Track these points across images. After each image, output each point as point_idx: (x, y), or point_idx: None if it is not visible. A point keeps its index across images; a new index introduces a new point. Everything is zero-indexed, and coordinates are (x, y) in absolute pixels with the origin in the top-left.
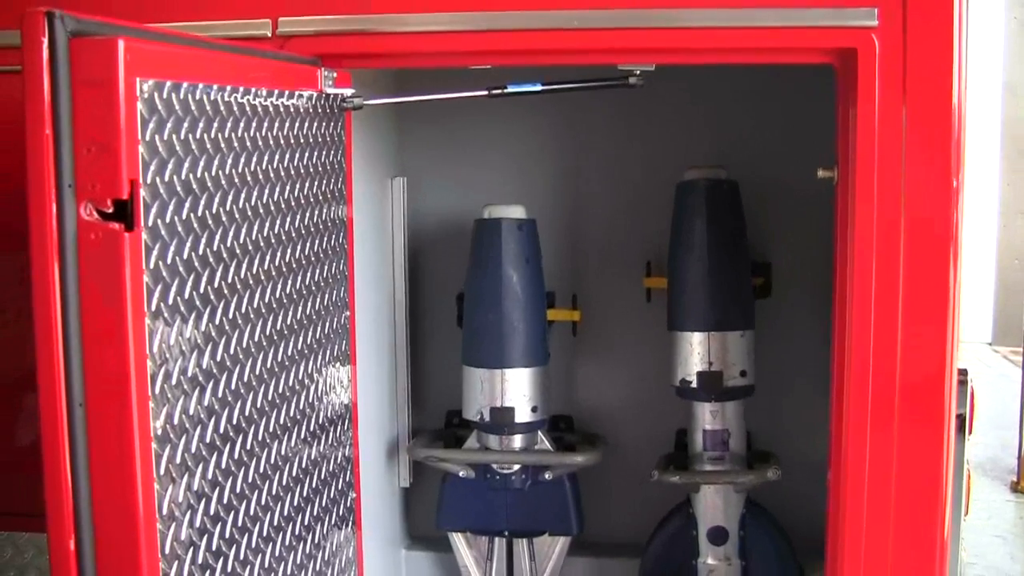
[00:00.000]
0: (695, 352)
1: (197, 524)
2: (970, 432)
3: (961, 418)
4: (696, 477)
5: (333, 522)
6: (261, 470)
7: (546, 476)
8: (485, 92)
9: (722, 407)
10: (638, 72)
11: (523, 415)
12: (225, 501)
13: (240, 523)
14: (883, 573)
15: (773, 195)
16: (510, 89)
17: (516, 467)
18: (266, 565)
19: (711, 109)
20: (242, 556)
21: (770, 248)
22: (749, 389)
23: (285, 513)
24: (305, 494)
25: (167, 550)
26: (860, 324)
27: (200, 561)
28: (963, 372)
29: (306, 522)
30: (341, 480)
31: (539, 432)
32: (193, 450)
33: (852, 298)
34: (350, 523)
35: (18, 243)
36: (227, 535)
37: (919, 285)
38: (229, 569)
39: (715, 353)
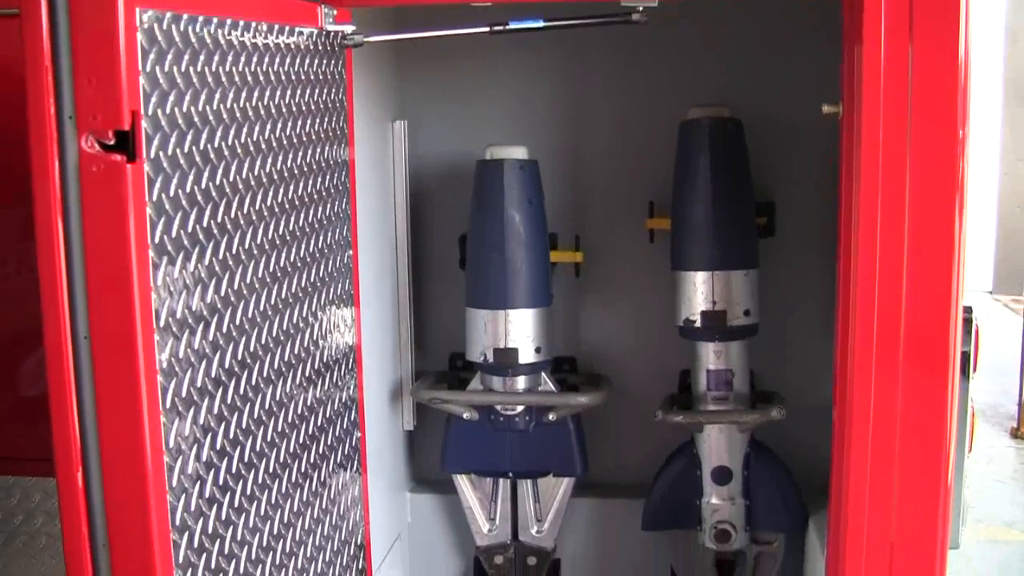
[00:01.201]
0: (699, 291)
1: (204, 458)
2: (974, 370)
3: (965, 356)
4: (700, 417)
5: (338, 462)
6: (266, 407)
7: (550, 417)
8: (487, 29)
9: (726, 347)
10: (641, 8)
11: (527, 356)
12: (231, 436)
13: (247, 458)
14: (887, 510)
15: (778, 134)
16: (512, 26)
17: (520, 408)
18: (272, 501)
19: (715, 47)
20: (248, 491)
21: (774, 187)
22: (753, 328)
23: (290, 450)
24: (310, 432)
25: (174, 483)
26: (865, 262)
27: (207, 495)
28: (968, 310)
29: (311, 460)
30: (345, 421)
31: (543, 373)
32: (199, 384)
33: (857, 236)
34: (354, 464)
35: (18, 191)
36: (233, 469)
37: (925, 222)
38: (236, 504)
39: (719, 292)
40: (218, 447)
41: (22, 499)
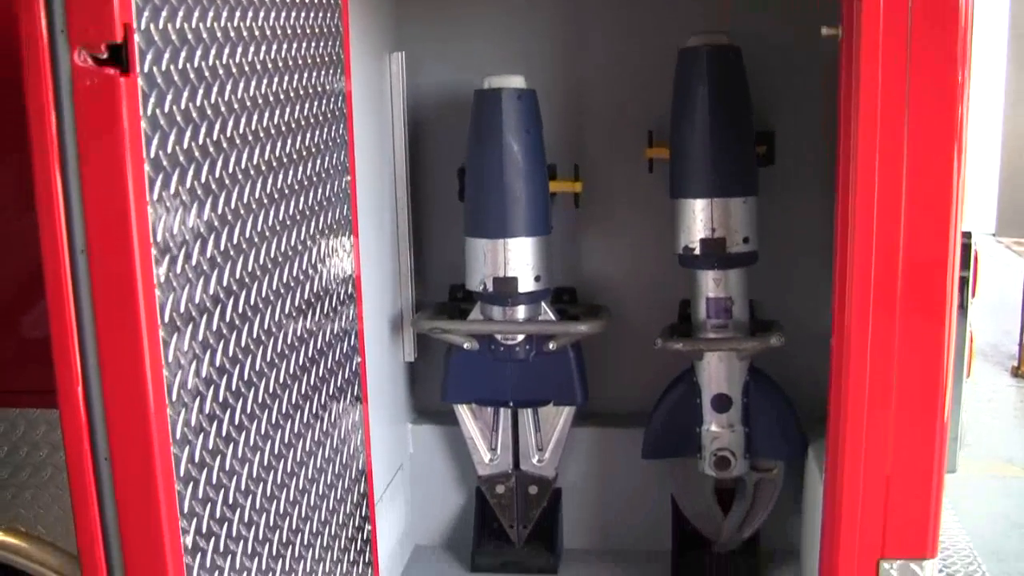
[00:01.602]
0: (698, 219)
1: (203, 374)
2: (973, 295)
3: (964, 281)
4: (699, 344)
5: (337, 387)
6: (265, 327)
7: (550, 346)
8: None
9: (725, 275)
10: None
11: (526, 284)
12: (231, 354)
13: (246, 376)
14: (884, 435)
15: (779, 62)
16: None
17: (520, 338)
18: (272, 421)
19: None
20: (248, 409)
21: (775, 116)
22: (752, 256)
23: (290, 372)
24: (309, 355)
25: (174, 398)
26: (863, 187)
27: (207, 411)
28: (967, 235)
29: (311, 383)
30: (345, 346)
31: (543, 303)
32: (197, 301)
33: (855, 161)
34: (354, 390)
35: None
36: (233, 387)
37: (924, 146)
38: (236, 421)
39: (718, 220)
40: (217, 364)
41: (27, 430)
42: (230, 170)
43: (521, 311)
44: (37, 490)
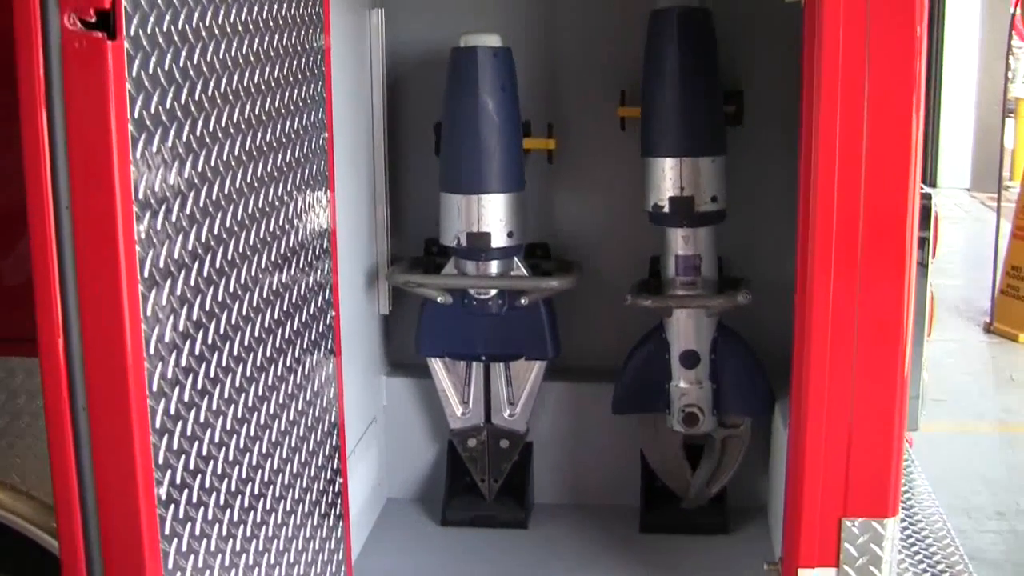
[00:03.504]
0: (667, 177)
1: (180, 328)
2: (933, 256)
3: (923, 241)
4: (668, 301)
5: (312, 340)
6: (241, 282)
7: (522, 301)
8: None
9: (694, 232)
10: None
11: (499, 240)
12: (207, 308)
13: (222, 331)
14: (845, 393)
15: (747, 23)
16: None
17: (492, 292)
18: (247, 374)
19: None
20: (223, 363)
21: (744, 76)
22: (721, 215)
23: (265, 326)
24: (284, 309)
25: (151, 351)
26: (824, 149)
27: (184, 364)
28: (926, 196)
29: (285, 336)
30: (320, 300)
31: (515, 258)
32: (176, 256)
33: (816, 123)
34: (328, 344)
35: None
36: (209, 340)
37: (883, 109)
38: (211, 375)
39: (686, 178)
40: (194, 318)
41: (6, 377)
42: (210, 129)
43: (494, 266)
44: (14, 438)
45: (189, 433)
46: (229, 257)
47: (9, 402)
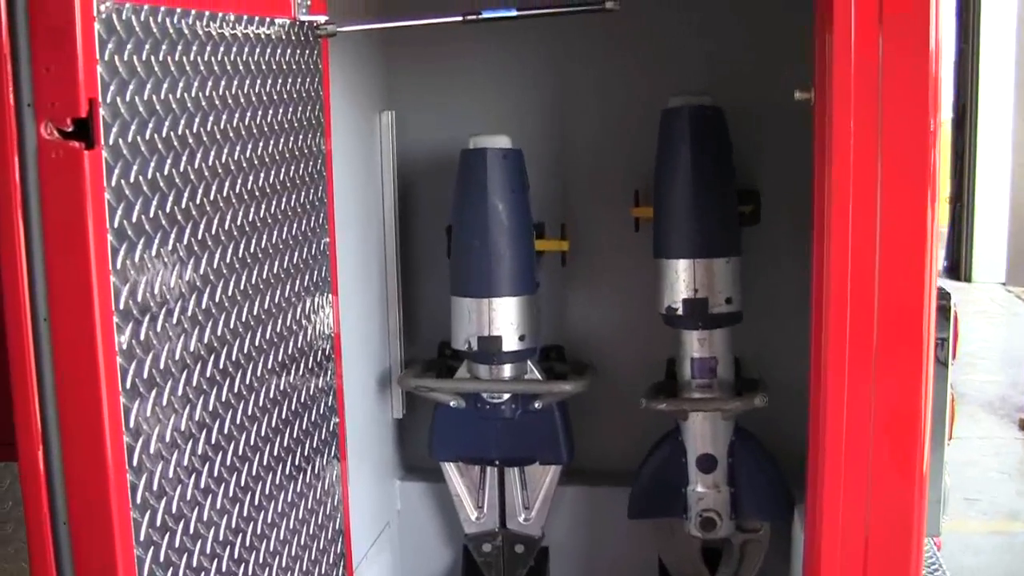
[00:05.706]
0: (680, 279)
1: (167, 439)
2: (954, 357)
3: (942, 342)
4: (684, 404)
5: (313, 447)
6: (235, 390)
7: (536, 405)
8: (459, 18)
9: (709, 335)
10: None
11: (511, 343)
12: (196, 418)
13: (214, 440)
14: (862, 499)
15: (761, 122)
16: (484, 15)
17: (506, 396)
18: (242, 484)
19: (695, 34)
20: (216, 473)
21: (761, 176)
22: (736, 316)
23: (262, 434)
24: (283, 417)
25: (135, 462)
26: (837, 249)
27: (170, 476)
28: (945, 296)
29: (285, 445)
30: (322, 407)
31: (528, 361)
32: (161, 366)
33: (829, 223)
34: (331, 450)
35: None
36: (199, 451)
37: (897, 208)
38: (202, 485)
39: (700, 280)
40: (182, 428)
41: None
42: (199, 237)
43: (507, 370)
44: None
45: (177, 545)
46: (221, 366)
47: None
